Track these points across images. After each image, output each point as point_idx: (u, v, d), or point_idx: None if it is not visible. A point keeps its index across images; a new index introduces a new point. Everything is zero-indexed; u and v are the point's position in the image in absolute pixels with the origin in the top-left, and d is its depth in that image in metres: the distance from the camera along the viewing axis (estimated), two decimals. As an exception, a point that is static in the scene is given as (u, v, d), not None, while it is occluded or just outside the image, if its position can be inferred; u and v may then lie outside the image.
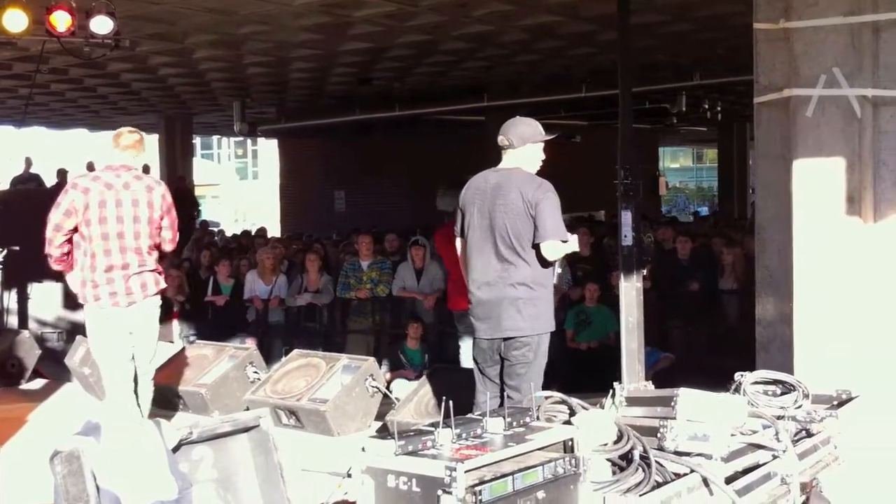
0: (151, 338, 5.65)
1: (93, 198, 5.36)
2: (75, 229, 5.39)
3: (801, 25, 5.02)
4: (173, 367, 7.47)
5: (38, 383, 8.54)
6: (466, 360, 8.01)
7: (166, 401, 7.21)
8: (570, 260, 9.59)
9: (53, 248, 5.42)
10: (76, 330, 9.83)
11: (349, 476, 2.87)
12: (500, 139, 5.19)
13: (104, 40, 8.65)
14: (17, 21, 8.42)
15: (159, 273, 5.63)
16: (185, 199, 19.69)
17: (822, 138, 4.96)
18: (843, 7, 4.89)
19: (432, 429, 2.91)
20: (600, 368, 9.14)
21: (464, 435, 2.94)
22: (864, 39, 4.88)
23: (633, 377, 6.39)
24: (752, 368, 4.87)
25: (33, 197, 12.30)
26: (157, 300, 5.63)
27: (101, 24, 8.48)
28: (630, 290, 6.55)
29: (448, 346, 9.82)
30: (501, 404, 5.00)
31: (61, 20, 8.33)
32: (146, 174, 5.95)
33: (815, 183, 5.00)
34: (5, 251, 9.39)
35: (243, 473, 2.95)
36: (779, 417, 3.87)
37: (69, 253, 5.50)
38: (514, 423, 3.09)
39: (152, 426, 2.76)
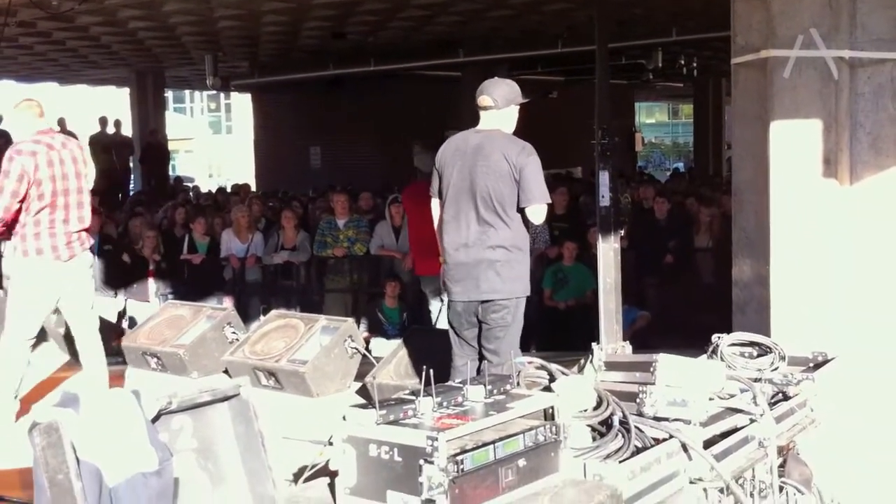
0: (89, 288, 6.10)
1: (41, 160, 5.61)
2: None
3: (780, -15, 4.99)
4: (150, 328, 7.42)
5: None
6: (441, 323, 8.03)
7: (143, 361, 7.19)
8: (547, 219, 9.61)
9: (9, 214, 5.63)
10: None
11: (330, 444, 2.87)
12: (483, 99, 5.13)
13: (72, -7, 8.50)
14: (-17, -26, 8.26)
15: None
16: (158, 154, 19.55)
17: (799, 100, 4.95)
18: (821, -33, 4.86)
19: (413, 397, 2.91)
20: (578, 327, 9.22)
21: (444, 403, 2.95)
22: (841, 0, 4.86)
23: (610, 338, 6.44)
24: (727, 327, 4.92)
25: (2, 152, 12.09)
26: (90, 253, 6.10)
27: (70, -22, 8.33)
28: (608, 251, 6.57)
29: (426, 304, 9.84)
30: (479, 367, 5.04)
31: (29, -27, 8.17)
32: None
33: (792, 145, 5.00)
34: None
35: (224, 442, 2.94)
36: (755, 380, 3.91)
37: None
38: (495, 391, 3.11)
39: (131, 396, 2.74)
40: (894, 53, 4.81)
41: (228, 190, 17.74)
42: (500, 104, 5.12)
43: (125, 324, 9.80)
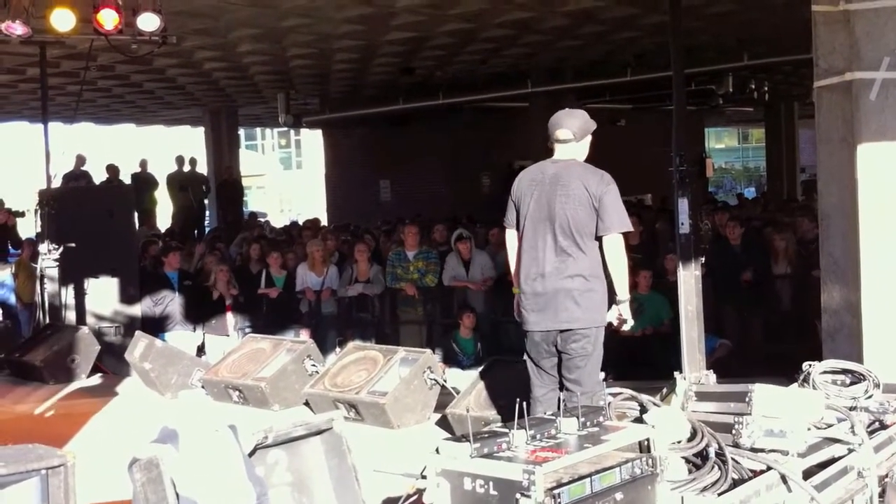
0: None
1: None
2: None
3: (862, 7, 4.92)
4: (231, 361, 7.53)
5: (99, 379, 8.66)
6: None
7: (225, 394, 7.29)
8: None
9: None
10: (133, 324, 9.98)
11: (423, 477, 2.86)
12: (563, 132, 5.11)
13: (151, 37, 8.73)
14: (65, 20, 8.54)
15: None
16: (233, 191, 19.92)
17: (887, 122, 4.85)
18: (906, -13, 4.77)
19: (506, 430, 2.89)
20: (655, 356, 9.09)
21: (538, 436, 2.92)
22: (929, 20, 4.76)
23: (693, 367, 6.32)
24: (808, 355, 4.80)
25: (85, 194, 12.44)
26: None
27: (148, 21, 8.56)
28: (688, 279, 6.47)
29: (501, 335, 9.81)
30: (561, 398, 4.98)
31: (108, 18, 8.42)
32: None
33: (880, 168, 4.89)
34: (62, 248, 9.52)
35: (317, 476, 2.96)
36: (851, 408, 3.81)
37: None
38: (588, 423, 3.07)
39: (228, 431, 2.77)
40: (985, 72, 4.70)
41: (300, 224, 17.96)
42: (578, 136, 5.12)
43: (203, 358, 9.95)
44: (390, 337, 10.20)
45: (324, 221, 19.13)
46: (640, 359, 9.36)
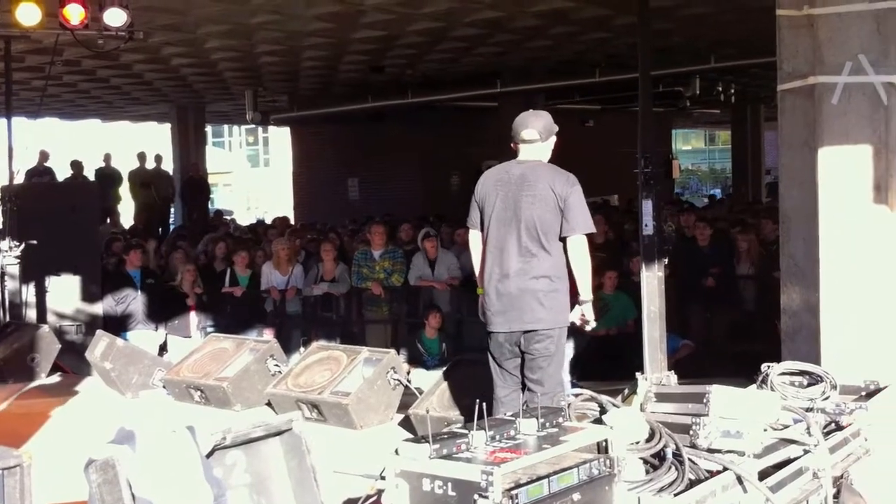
0: None
1: None
2: None
3: (826, 12, 4.96)
4: (193, 361, 7.47)
5: (59, 378, 8.55)
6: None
7: (186, 395, 7.23)
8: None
9: None
10: (95, 323, 9.87)
11: (382, 478, 2.85)
12: (528, 132, 5.12)
13: (117, 32, 8.65)
14: (30, 14, 8.46)
15: None
16: (199, 189, 19.77)
17: (848, 126, 4.90)
18: (868, -7, 4.83)
19: (466, 431, 2.89)
20: (619, 355, 9.14)
21: (497, 437, 2.92)
22: (889, 25, 4.81)
23: (655, 367, 6.37)
24: (769, 354, 4.84)
25: (48, 190, 12.29)
26: None
27: (115, 17, 8.49)
28: (651, 280, 6.52)
29: (466, 335, 9.82)
30: (524, 398, 4.99)
31: (74, 13, 8.34)
32: None
33: (841, 171, 4.95)
34: (23, 245, 9.39)
35: (276, 477, 2.94)
36: (808, 410, 3.85)
37: None
38: (547, 424, 3.07)
39: (186, 432, 2.75)
40: (944, 77, 4.76)
41: (267, 223, 17.87)
42: (543, 137, 5.14)
43: (165, 357, 9.87)
44: (356, 336, 10.17)
45: (292, 220, 19.06)
46: (605, 359, 9.42)
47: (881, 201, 4.85)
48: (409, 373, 8.20)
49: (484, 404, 2.89)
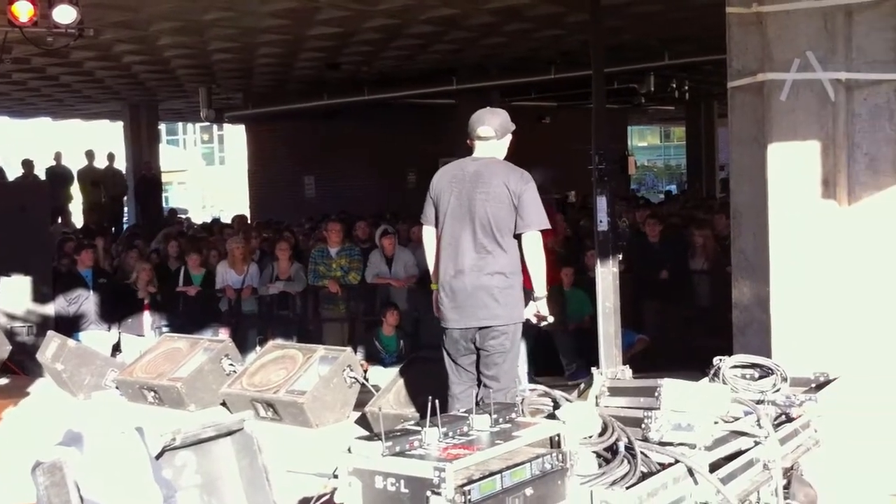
0: None
1: None
2: None
3: (774, 9, 5.02)
4: (147, 361, 7.39)
5: (9, 379, 8.42)
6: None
7: (140, 395, 7.15)
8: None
9: None
10: (47, 324, 9.72)
11: (335, 476, 2.84)
12: (484, 130, 5.14)
13: (67, 29, 8.51)
14: (-23, 12, 8.29)
15: None
16: (152, 187, 19.56)
17: (797, 122, 4.97)
18: (815, -10, 4.89)
19: (419, 428, 2.89)
20: (578, 351, 9.21)
21: (450, 433, 2.92)
22: (837, 23, 4.88)
23: (610, 362, 6.41)
24: (725, 349, 4.90)
25: (-3, 190, 12.12)
26: None
27: (64, 14, 8.35)
28: (606, 275, 6.57)
29: (424, 333, 9.81)
30: (478, 394, 5.01)
31: (23, 10, 8.19)
32: None
33: (790, 167, 5.01)
34: (-29, 246, 9.25)
35: (228, 477, 2.92)
36: (758, 402, 3.90)
37: None
38: (500, 420, 3.08)
39: (135, 433, 2.72)
40: (890, 74, 4.84)
41: (222, 221, 17.71)
42: (499, 134, 5.16)
43: (119, 358, 9.75)
44: (313, 335, 10.12)
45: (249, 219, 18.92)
46: (552, 354, 9.47)
47: (829, 196, 4.92)
48: (366, 371, 8.19)
49: (437, 401, 2.89)
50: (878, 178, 4.91)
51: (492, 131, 5.14)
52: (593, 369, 4.29)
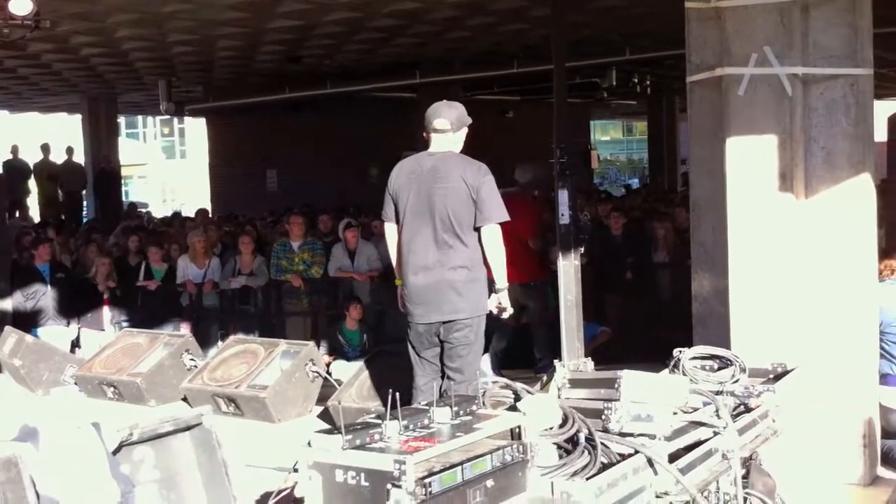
0: None
1: None
2: None
3: (732, 4, 5.07)
4: (106, 356, 7.32)
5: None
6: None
7: (99, 391, 7.08)
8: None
9: None
10: (4, 319, 9.58)
11: (295, 470, 2.83)
12: (440, 122, 5.15)
13: (24, 21, 8.39)
14: (-69, 2, 8.14)
15: None
16: (111, 181, 19.33)
17: (755, 116, 5.02)
18: (772, -14, 4.94)
19: (379, 421, 2.88)
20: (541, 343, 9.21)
21: (411, 426, 2.93)
22: (793, 18, 4.94)
23: (572, 354, 6.45)
24: (687, 341, 4.95)
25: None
26: None
27: (20, 5, 8.24)
28: (568, 269, 6.60)
29: (387, 326, 9.79)
30: (442, 387, 5.03)
31: (-23, 2, 8.07)
32: None
33: (748, 160, 5.06)
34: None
35: (186, 472, 2.90)
36: (717, 393, 3.94)
37: None
38: (461, 412, 3.09)
39: (91, 428, 2.69)
40: (846, 69, 4.90)
41: (183, 214, 17.55)
42: (455, 127, 5.18)
43: (78, 353, 9.63)
44: (275, 329, 10.07)
45: (210, 212, 18.77)
46: (528, 348, 9.49)
47: (786, 190, 4.98)
48: (329, 365, 8.17)
49: (398, 394, 2.89)
50: (835, 172, 4.98)
51: (448, 124, 5.16)
52: (556, 362, 4.32)
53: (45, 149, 17.80)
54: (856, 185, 4.98)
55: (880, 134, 6.28)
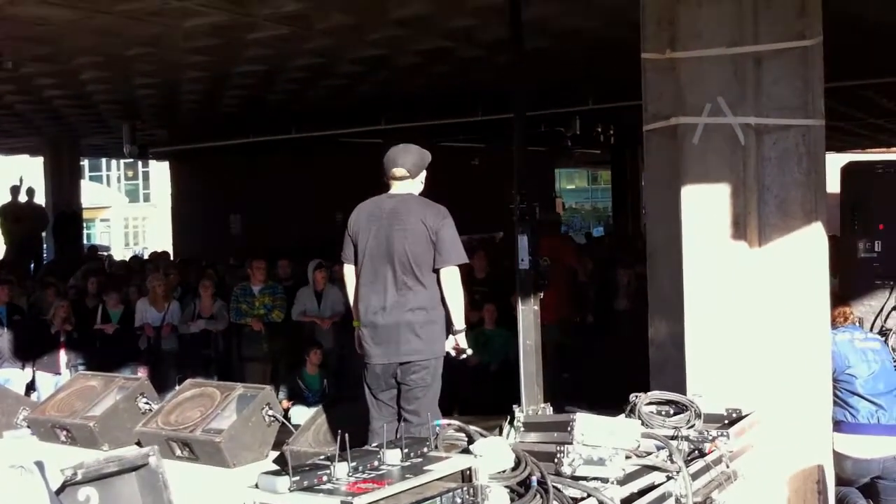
0: None
1: None
2: None
3: (687, 56, 5.18)
4: (59, 399, 7.18)
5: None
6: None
7: (52, 434, 6.94)
8: (467, 282, 9.66)
9: None
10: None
11: (243, 513, 2.80)
12: (398, 171, 5.22)
13: (-15, 62, 8.36)
14: None
15: None
16: (71, 224, 19.14)
17: (709, 165, 5.11)
18: (725, 38, 5.05)
19: (328, 462, 2.86)
20: (503, 390, 9.20)
21: (360, 468, 2.91)
22: (746, 69, 5.05)
23: (532, 400, 6.44)
24: (648, 388, 4.97)
25: None
26: None
27: (-18, 46, 8.20)
28: (528, 314, 6.62)
29: (348, 370, 9.73)
30: (398, 429, 5.00)
31: (-61, 40, 8.03)
32: None
33: (703, 208, 5.14)
34: None
35: (132, 514, 2.85)
36: (672, 438, 3.96)
37: None
38: (412, 454, 3.07)
39: (34, 468, 2.64)
40: (798, 120, 5.01)
41: (143, 257, 17.40)
42: (413, 173, 5.25)
43: (34, 396, 9.47)
44: (235, 374, 9.98)
45: (172, 256, 18.63)
46: (489, 393, 9.47)
47: (740, 237, 5.06)
48: (288, 409, 8.09)
49: (346, 435, 2.87)
50: (788, 220, 5.07)
51: (405, 171, 5.23)
52: (514, 407, 4.32)
53: (14, 190, 17.62)
54: (808, 233, 5.07)
55: (833, 185, 6.41)
